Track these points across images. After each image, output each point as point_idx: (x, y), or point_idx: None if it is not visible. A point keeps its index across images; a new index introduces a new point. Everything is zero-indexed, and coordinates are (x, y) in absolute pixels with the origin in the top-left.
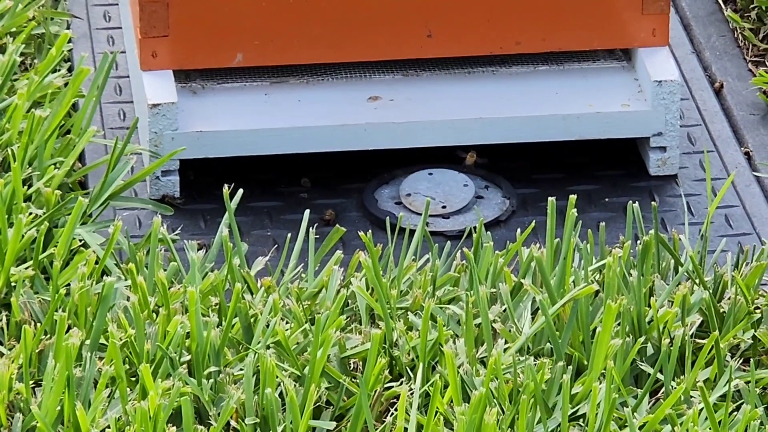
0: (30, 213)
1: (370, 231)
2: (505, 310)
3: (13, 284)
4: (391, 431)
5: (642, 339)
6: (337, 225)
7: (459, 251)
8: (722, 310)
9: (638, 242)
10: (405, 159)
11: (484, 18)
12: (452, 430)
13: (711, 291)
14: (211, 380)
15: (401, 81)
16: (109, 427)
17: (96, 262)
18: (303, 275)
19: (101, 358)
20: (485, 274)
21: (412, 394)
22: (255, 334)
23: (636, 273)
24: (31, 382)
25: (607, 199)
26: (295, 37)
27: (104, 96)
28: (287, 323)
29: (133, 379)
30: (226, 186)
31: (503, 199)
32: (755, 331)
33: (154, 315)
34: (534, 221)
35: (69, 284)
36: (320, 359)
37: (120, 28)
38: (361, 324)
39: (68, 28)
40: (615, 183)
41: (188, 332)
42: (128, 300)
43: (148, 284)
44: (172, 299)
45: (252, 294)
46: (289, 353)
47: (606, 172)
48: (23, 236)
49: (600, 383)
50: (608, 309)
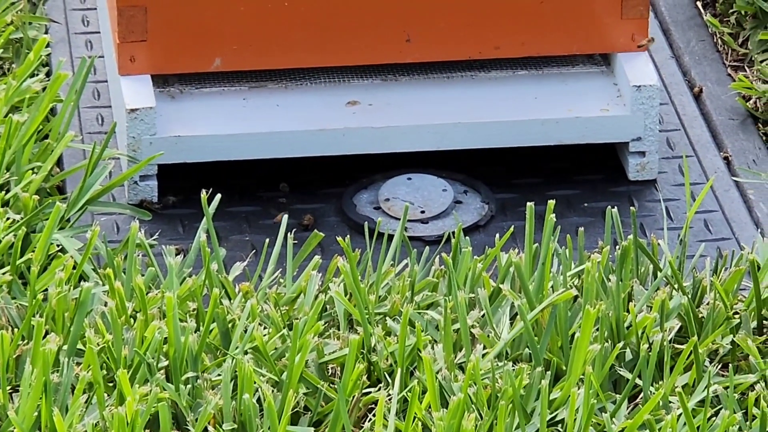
0: (7, 218)
1: (349, 236)
2: (484, 316)
3: None
4: None
5: (621, 344)
6: (316, 230)
7: (438, 256)
8: (701, 316)
9: (617, 247)
10: (384, 164)
11: (464, 23)
12: None
13: (690, 296)
14: (189, 386)
15: (380, 86)
16: None
17: (74, 268)
18: (281, 280)
19: (79, 364)
20: (464, 280)
21: (390, 400)
22: (233, 340)
23: (615, 278)
24: (8, 388)
25: (586, 204)
26: (274, 42)
27: (82, 101)
28: (265, 328)
29: (111, 385)
30: (204, 191)
31: (482, 204)
32: (734, 337)
33: (132, 320)
34: (513, 226)
35: (46, 289)
36: (298, 365)
37: (98, 33)
38: (340, 329)
39: (46, 33)
40: (594, 188)
41: (166, 337)
42: (106, 305)
43: (126, 289)
44: (150, 304)
45: (230, 299)
46: (267, 359)
47: (585, 177)
48: (0, 241)
49: (578, 389)
50: (587, 314)
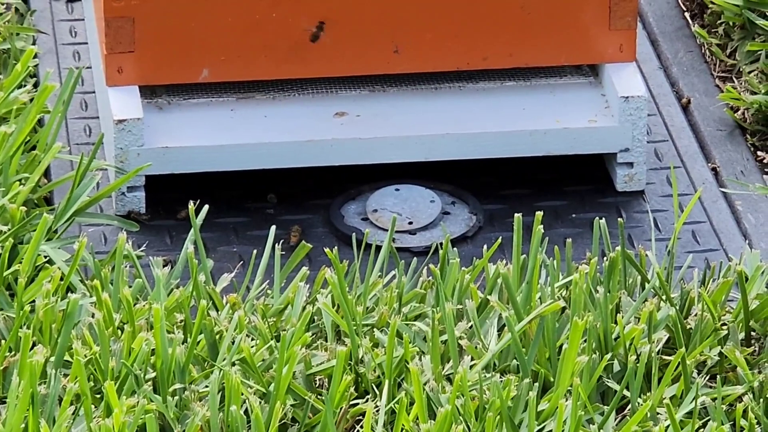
0: None
1: (337, 247)
2: (472, 327)
3: None
4: None
5: (608, 356)
6: (303, 241)
7: (425, 267)
8: (689, 327)
9: (605, 258)
10: (372, 175)
11: (451, 34)
12: None
13: (677, 307)
14: (176, 397)
15: (368, 97)
16: None
17: (61, 279)
18: (269, 292)
19: (66, 375)
20: (451, 291)
21: (378, 411)
22: (220, 351)
23: (602, 289)
24: None
25: (574, 215)
26: (262, 53)
27: (70, 112)
28: (253, 340)
29: (98, 397)
30: (192, 202)
31: (470, 215)
32: (722, 348)
33: (119, 332)
34: (501, 237)
35: (34, 301)
36: (285, 376)
37: (86, 44)
38: (327, 341)
39: (34, 44)
40: (582, 199)
41: (153, 349)
42: (93, 317)
43: (113, 301)
44: (137, 316)
45: (217, 311)
46: (255, 370)
47: (573, 188)
48: None
49: (566, 400)
50: (575, 326)
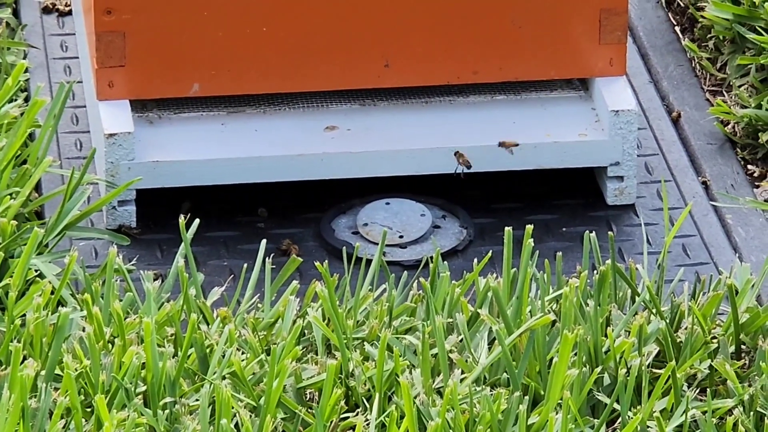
0: None
1: (327, 261)
2: (462, 340)
3: None
4: None
5: (599, 369)
6: (294, 255)
7: (416, 281)
8: (679, 340)
9: (595, 272)
10: (362, 189)
11: (442, 48)
12: None
13: (668, 321)
14: (167, 411)
15: (358, 111)
16: None
17: (52, 293)
18: (259, 305)
19: (56, 389)
20: (442, 304)
21: (368, 425)
22: (211, 365)
23: (593, 303)
24: None
25: (565, 229)
26: (252, 67)
27: (61, 126)
28: (243, 354)
29: (89, 410)
30: (182, 216)
31: (460, 229)
32: (712, 361)
33: (110, 345)
34: (491, 251)
35: (24, 315)
36: (276, 389)
37: (77, 58)
38: (318, 354)
39: (25, 58)
40: (572, 212)
41: (144, 363)
42: (84, 330)
43: (104, 315)
44: (128, 330)
45: (208, 324)
46: (245, 384)
47: (563, 202)
48: None
49: (556, 413)
50: (565, 339)
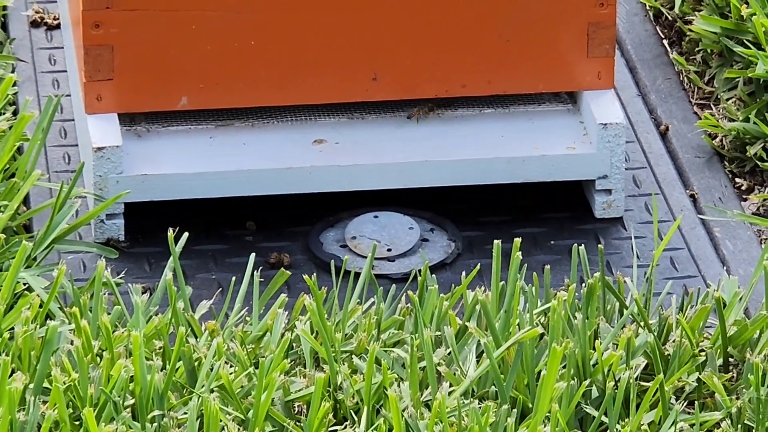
0: None
1: (315, 274)
2: (450, 353)
3: None
4: None
5: (587, 382)
6: (282, 268)
7: (404, 294)
8: (667, 353)
9: (583, 285)
10: (350, 202)
11: (430, 61)
12: None
13: (656, 334)
14: (155, 424)
15: (346, 124)
16: None
17: (40, 306)
18: (248, 318)
19: (45, 402)
20: (430, 317)
21: None
22: (199, 378)
23: (581, 316)
24: None
25: (553, 242)
26: (240, 80)
27: (49, 139)
28: (231, 367)
29: (77, 423)
30: (171, 229)
31: (449, 242)
32: (700, 374)
33: (98, 359)
34: (479, 264)
35: (13, 328)
36: (264, 403)
37: (65, 72)
38: (306, 367)
39: (13, 72)
40: (561, 226)
41: (132, 376)
42: (72, 344)
43: (92, 328)
44: (116, 343)
45: (196, 337)
46: (233, 397)
47: (552, 215)
48: None
49: (545, 426)
50: (553, 352)
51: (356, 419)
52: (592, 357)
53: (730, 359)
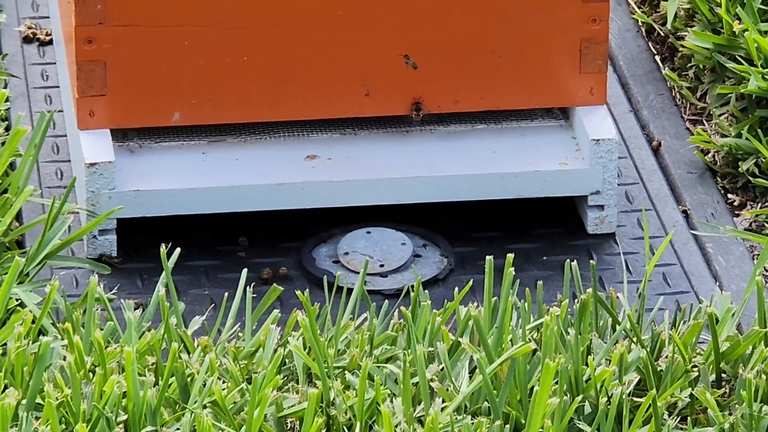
0: None
1: (308, 290)
2: (443, 369)
3: None
4: None
5: (579, 398)
6: (275, 284)
7: (397, 310)
8: (659, 369)
9: (576, 300)
10: (343, 218)
11: (423, 76)
12: None
13: (648, 349)
14: None
15: (339, 140)
16: None
17: (33, 322)
18: (240, 334)
19: (38, 418)
20: (423, 333)
21: None
22: (192, 394)
23: (573, 331)
24: None
25: (546, 258)
26: (233, 96)
27: (41, 155)
28: (224, 382)
29: None
30: (164, 245)
31: (441, 258)
32: (692, 390)
33: (91, 374)
34: (472, 280)
35: (5, 344)
36: (257, 419)
37: (58, 88)
38: (299, 383)
39: (5, 87)
40: (553, 241)
41: (125, 392)
42: (65, 359)
43: (85, 344)
44: (109, 359)
45: (189, 353)
46: (226, 413)
47: (544, 231)
48: None
49: None
50: (546, 367)
51: None
52: (585, 373)
53: (723, 375)
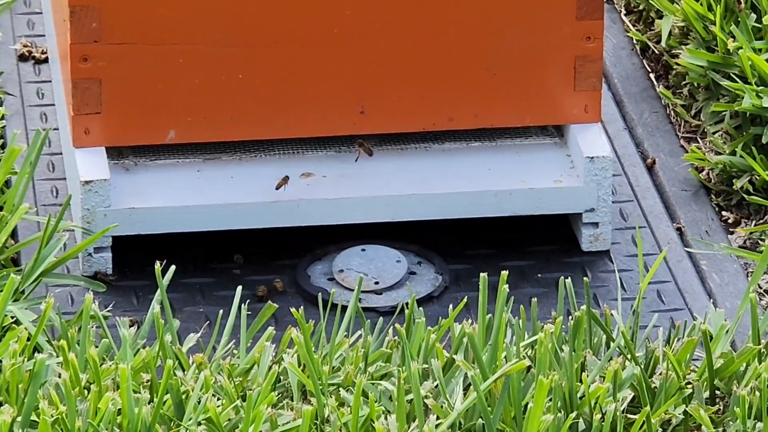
0: None
1: (303, 307)
2: (437, 386)
3: None
4: None
5: (573, 414)
6: (269, 301)
7: (391, 327)
8: (654, 386)
9: (570, 318)
10: (338, 235)
11: (417, 95)
12: None
13: (642, 366)
14: None
15: (334, 157)
16: None
17: (28, 339)
18: (235, 351)
19: None
20: (417, 350)
21: None
22: (186, 411)
23: (568, 348)
24: None
25: (540, 275)
26: (228, 114)
27: (37, 173)
28: (219, 400)
29: None
30: (158, 263)
31: (436, 275)
32: (686, 407)
33: (86, 392)
34: (466, 297)
35: (0, 361)
36: None
37: (53, 106)
38: (293, 400)
39: (1, 105)
40: (548, 258)
41: (120, 409)
42: (60, 377)
43: (80, 361)
44: (104, 376)
45: (184, 370)
46: (221, 429)
47: (539, 248)
48: None
49: None
50: (540, 384)
51: None
52: (579, 389)
53: (717, 392)
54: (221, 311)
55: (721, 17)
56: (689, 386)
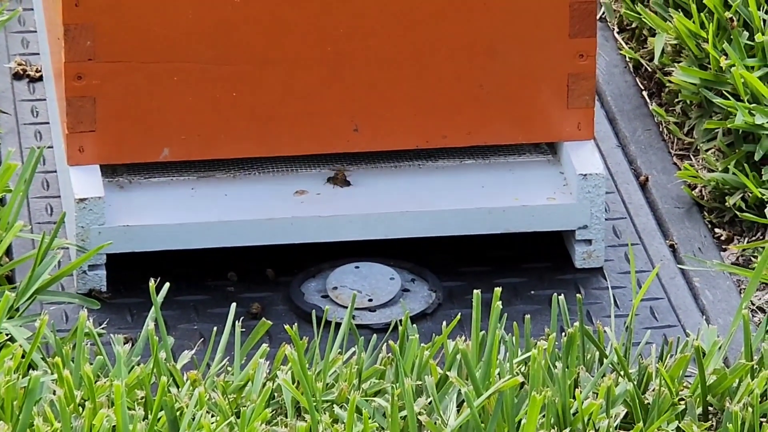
0: None
1: (297, 324)
2: (431, 403)
3: None
4: None
5: (567, 431)
6: (264, 318)
7: (385, 344)
8: (647, 402)
9: (563, 334)
10: (332, 252)
11: (411, 112)
12: None
13: (635, 383)
14: None
15: (328, 175)
16: None
17: (22, 356)
18: (229, 368)
19: None
20: (411, 367)
21: None
22: (181, 428)
23: (561, 365)
24: None
25: (533, 292)
26: (222, 132)
27: (31, 191)
28: (213, 416)
29: None
30: (153, 280)
31: (429, 292)
32: (679, 423)
33: (81, 409)
34: (460, 314)
35: None
36: None
37: (47, 123)
38: (287, 417)
39: None
40: (541, 276)
41: (114, 426)
42: (54, 394)
43: (75, 378)
44: (98, 393)
45: (178, 387)
46: None
47: (532, 265)
48: None
49: None
50: (533, 401)
51: None
52: (573, 406)
53: (710, 408)
54: (215, 328)
55: (714, 35)
56: (682, 402)
